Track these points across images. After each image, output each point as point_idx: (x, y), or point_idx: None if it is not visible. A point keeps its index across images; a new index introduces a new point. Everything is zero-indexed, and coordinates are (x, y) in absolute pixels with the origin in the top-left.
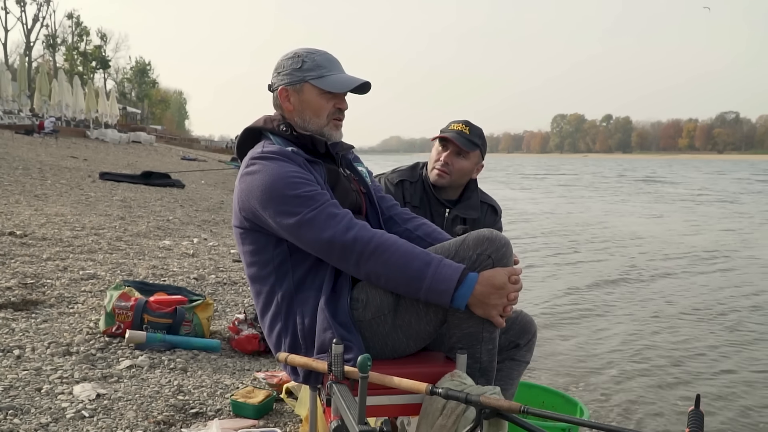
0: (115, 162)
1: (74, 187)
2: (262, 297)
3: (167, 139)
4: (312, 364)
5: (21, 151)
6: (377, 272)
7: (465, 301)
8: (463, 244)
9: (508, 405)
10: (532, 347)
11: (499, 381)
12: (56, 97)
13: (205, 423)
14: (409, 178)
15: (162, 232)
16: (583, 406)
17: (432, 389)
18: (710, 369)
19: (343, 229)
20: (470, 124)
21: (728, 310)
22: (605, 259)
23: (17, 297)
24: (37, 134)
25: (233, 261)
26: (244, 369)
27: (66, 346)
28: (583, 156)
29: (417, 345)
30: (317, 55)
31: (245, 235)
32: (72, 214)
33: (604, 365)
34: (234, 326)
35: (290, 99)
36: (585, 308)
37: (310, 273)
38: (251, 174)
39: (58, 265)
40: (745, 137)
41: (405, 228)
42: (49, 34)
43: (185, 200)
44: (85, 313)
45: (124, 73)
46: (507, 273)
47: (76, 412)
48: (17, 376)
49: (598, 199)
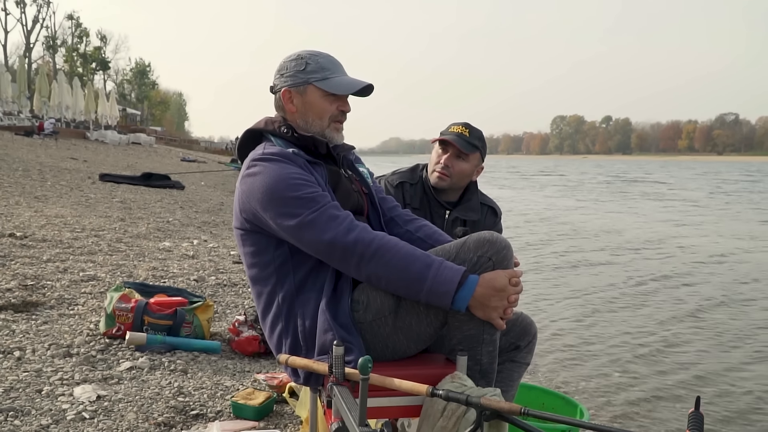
0: (114, 163)
1: (74, 188)
2: (262, 298)
3: (167, 141)
4: (313, 366)
5: (21, 153)
6: (378, 274)
7: (465, 303)
8: (463, 246)
9: (509, 407)
10: (533, 349)
11: (500, 383)
12: (56, 98)
13: (205, 425)
14: (409, 179)
15: (162, 233)
16: (583, 407)
17: (432, 391)
18: (710, 371)
19: (344, 231)
20: (470, 126)
21: (729, 312)
22: (606, 262)
23: (17, 299)
24: (37, 136)
25: (233, 262)
26: (244, 370)
27: (66, 348)
28: (583, 158)
29: (417, 347)
30: (320, 57)
31: (246, 236)
32: (72, 215)
33: (604, 367)
34: (234, 328)
35: (293, 101)
36: (585, 310)
37: (311, 275)
38: (252, 175)
39: (58, 267)
40: (744, 139)
41: (406, 229)
42: (49, 35)
43: (185, 202)
44: (85, 315)
45: (123, 74)
46: (507, 275)
47: (76, 413)
48: (18, 377)
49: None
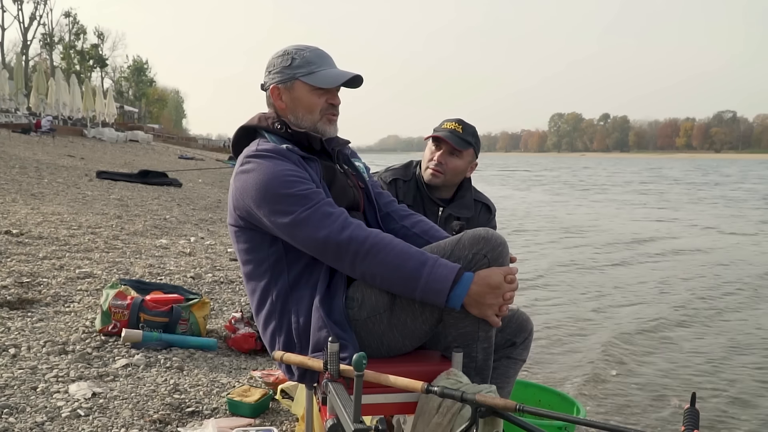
0: (112, 161)
1: (71, 185)
2: (256, 295)
3: (164, 138)
4: (308, 363)
5: (18, 150)
6: (372, 272)
7: (461, 300)
8: (458, 243)
9: (504, 403)
10: (529, 345)
11: (496, 379)
12: (53, 95)
13: (201, 422)
14: (403, 176)
15: (159, 230)
16: (580, 404)
17: (428, 388)
18: (706, 367)
19: (338, 228)
20: (463, 122)
21: (724, 307)
22: (606, 261)
23: (13, 296)
24: (34, 133)
25: (230, 260)
26: (240, 368)
27: (62, 345)
28: (581, 155)
29: (413, 344)
30: (307, 51)
31: (240, 233)
32: (69, 212)
33: (600, 363)
34: (230, 325)
35: (282, 97)
36: (581, 306)
37: (305, 272)
38: (246, 172)
39: (55, 264)
40: (742, 136)
41: (402, 225)
42: (47, 32)
43: (182, 199)
44: (81, 312)
45: (121, 71)
46: (503, 272)
47: (71, 410)
48: (13, 374)
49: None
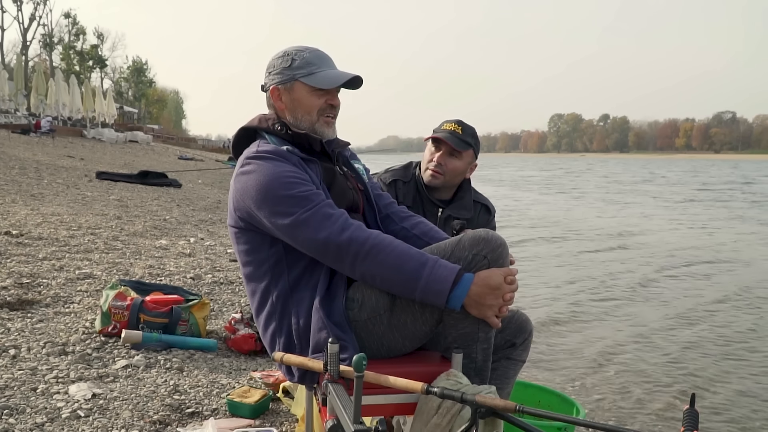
0: (111, 161)
1: (71, 186)
2: (257, 296)
3: (164, 139)
4: (308, 364)
5: (17, 151)
6: (372, 273)
7: (460, 301)
8: (458, 244)
9: (504, 404)
10: (528, 346)
11: (495, 380)
12: (53, 96)
13: (201, 422)
14: (402, 177)
15: (159, 231)
16: (580, 405)
17: (427, 388)
18: (706, 368)
19: (338, 229)
20: (463, 123)
21: (723, 309)
22: (601, 258)
23: (13, 297)
24: (34, 134)
25: (230, 260)
26: (240, 368)
27: (62, 346)
28: (580, 156)
29: (413, 345)
30: (306, 52)
31: (240, 234)
32: (68, 213)
33: (600, 364)
34: (230, 326)
35: (282, 98)
36: (581, 307)
37: (306, 273)
38: (246, 174)
39: (54, 265)
40: (741, 137)
41: (402, 226)
42: (46, 33)
43: (182, 200)
44: (81, 313)
45: (120, 72)
46: (503, 273)
47: (71, 411)
48: (13, 375)
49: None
